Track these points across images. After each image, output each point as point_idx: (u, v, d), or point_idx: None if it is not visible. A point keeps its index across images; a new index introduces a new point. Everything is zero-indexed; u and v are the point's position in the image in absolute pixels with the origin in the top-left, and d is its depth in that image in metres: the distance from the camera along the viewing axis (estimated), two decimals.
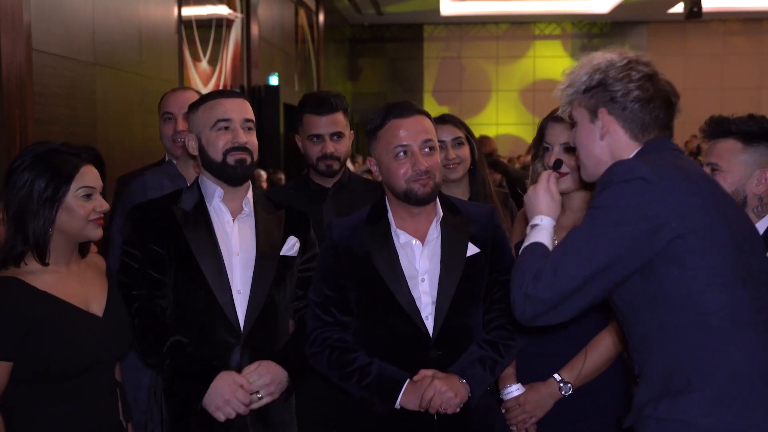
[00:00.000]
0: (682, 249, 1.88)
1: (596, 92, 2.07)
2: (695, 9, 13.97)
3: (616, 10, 18.96)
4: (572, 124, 2.18)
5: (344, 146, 3.32)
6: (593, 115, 2.08)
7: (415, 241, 2.55)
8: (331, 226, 2.64)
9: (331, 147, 3.27)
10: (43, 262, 2.30)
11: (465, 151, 3.26)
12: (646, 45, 20.32)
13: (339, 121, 3.30)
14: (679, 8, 17.24)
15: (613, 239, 1.88)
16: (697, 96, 19.47)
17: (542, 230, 2.15)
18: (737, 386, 1.86)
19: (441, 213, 2.59)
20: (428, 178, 2.49)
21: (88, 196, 2.34)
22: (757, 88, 20.75)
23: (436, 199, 2.59)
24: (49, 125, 5.73)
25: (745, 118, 2.58)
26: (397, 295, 2.49)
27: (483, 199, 3.24)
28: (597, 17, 20.19)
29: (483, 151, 3.70)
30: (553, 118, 2.67)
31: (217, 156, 2.60)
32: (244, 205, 2.67)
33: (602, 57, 2.11)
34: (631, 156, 2.04)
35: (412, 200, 2.51)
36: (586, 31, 20.75)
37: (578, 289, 1.90)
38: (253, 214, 2.68)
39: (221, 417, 2.48)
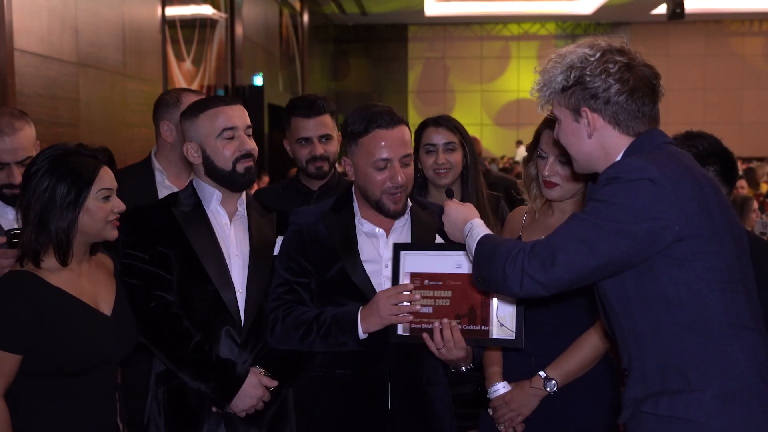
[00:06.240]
0: (685, 251, 1.86)
1: (575, 90, 2.01)
2: (678, 10, 14.05)
3: (600, 11, 19.08)
4: (555, 121, 2.13)
5: (333, 148, 3.33)
6: (576, 113, 2.03)
7: (378, 230, 2.62)
8: (297, 212, 2.68)
9: (320, 149, 3.29)
10: (65, 262, 2.33)
11: (456, 156, 3.18)
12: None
13: (327, 123, 3.31)
14: (661, 9, 17.36)
15: (616, 237, 1.87)
16: (679, 96, 19.60)
17: (478, 227, 2.22)
18: (737, 387, 1.86)
19: (409, 203, 2.65)
20: (402, 193, 2.57)
21: (107, 198, 2.37)
22: (738, 88, 20.93)
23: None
24: None
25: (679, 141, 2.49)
26: (354, 278, 2.56)
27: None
28: (580, 18, 20.31)
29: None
30: (549, 125, 2.59)
31: (226, 165, 2.59)
32: (238, 206, 2.69)
33: (575, 53, 2.03)
34: (625, 149, 2.01)
35: (383, 212, 2.59)
36: (569, 32, 20.85)
37: (575, 279, 1.94)
38: (246, 216, 2.70)
39: (243, 414, 2.56)
